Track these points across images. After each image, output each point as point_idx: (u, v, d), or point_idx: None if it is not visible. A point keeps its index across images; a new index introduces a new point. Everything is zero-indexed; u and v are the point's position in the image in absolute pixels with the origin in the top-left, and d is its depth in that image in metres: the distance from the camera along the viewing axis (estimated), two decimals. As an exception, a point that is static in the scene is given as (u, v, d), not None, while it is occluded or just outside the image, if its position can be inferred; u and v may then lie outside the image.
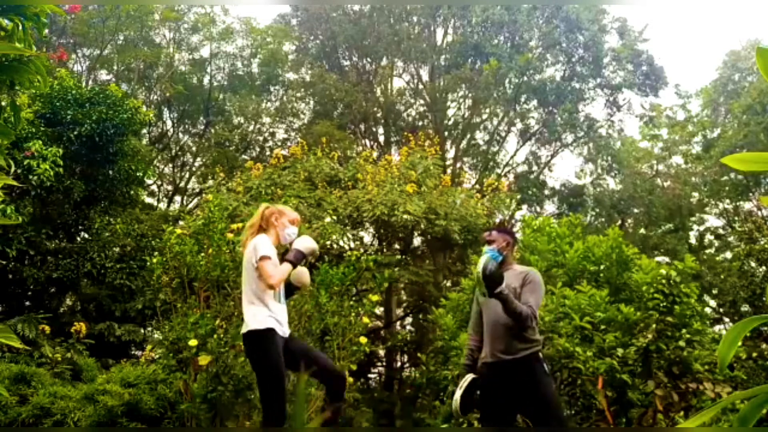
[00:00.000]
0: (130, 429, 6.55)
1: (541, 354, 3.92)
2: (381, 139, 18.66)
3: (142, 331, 11.24)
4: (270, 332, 3.70)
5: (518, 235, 7.33)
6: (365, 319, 6.62)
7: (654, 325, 5.94)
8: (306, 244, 3.90)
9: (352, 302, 6.72)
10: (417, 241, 11.53)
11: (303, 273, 3.99)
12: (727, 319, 15.15)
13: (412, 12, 18.10)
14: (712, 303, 15.42)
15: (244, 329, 3.81)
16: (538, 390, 3.78)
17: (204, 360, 6.01)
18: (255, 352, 3.77)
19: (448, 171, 15.51)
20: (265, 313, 3.76)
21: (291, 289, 4.02)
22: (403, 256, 11.22)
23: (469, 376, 3.95)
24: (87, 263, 10.85)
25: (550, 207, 19.06)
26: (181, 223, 11.17)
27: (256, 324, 3.72)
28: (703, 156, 17.85)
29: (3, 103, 2.58)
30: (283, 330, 3.82)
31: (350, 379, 6.68)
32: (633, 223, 18.94)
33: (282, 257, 3.88)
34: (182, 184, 17.89)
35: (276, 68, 17.66)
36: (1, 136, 2.42)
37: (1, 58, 2.41)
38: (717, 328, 12.53)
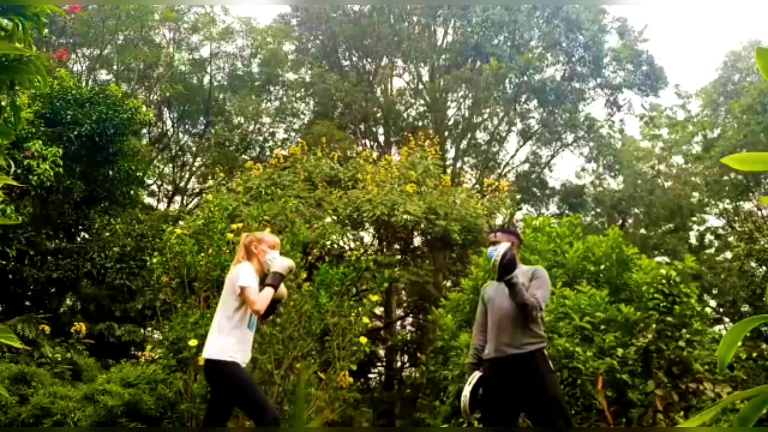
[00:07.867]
0: (130, 429, 6.55)
1: (546, 351, 3.93)
2: (381, 139, 18.64)
3: (142, 331, 11.23)
4: (233, 365, 3.78)
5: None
6: (365, 319, 6.61)
7: (654, 325, 5.95)
8: (282, 264, 3.99)
9: (352, 302, 6.72)
10: (417, 241, 11.52)
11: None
12: (727, 319, 15.15)
13: (412, 12, 18.08)
14: (712, 303, 15.43)
15: (206, 353, 3.86)
16: (542, 385, 3.77)
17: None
18: (219, 381, 3.85)
19: (448, 171, 15.50)
20: (231, 342, 3.82)
21: (272, 305, 4.05)
22: (403, 256, 11.21)
23: (477, 374, 3.97)
24: (87, 263, 10.84)
25: (550, 207, 19.07)
26: (181, 223, 11.16)
27: (222, 355, 3.79)
28: (703, 156, 17.82)
29: (3, 103, 2.58)
30: (245, 360, 3.92)
31: (350, 379, 6.69)
32: (633, 223, 18.94)
33: (262, 283, 3.94)
34: (182, 184, 17.86)
35: (276, 68, 17.63)
36: (1, 136, 2.42)
37: (1, 58, 2.41)
38: (717, 328, 12.52)
